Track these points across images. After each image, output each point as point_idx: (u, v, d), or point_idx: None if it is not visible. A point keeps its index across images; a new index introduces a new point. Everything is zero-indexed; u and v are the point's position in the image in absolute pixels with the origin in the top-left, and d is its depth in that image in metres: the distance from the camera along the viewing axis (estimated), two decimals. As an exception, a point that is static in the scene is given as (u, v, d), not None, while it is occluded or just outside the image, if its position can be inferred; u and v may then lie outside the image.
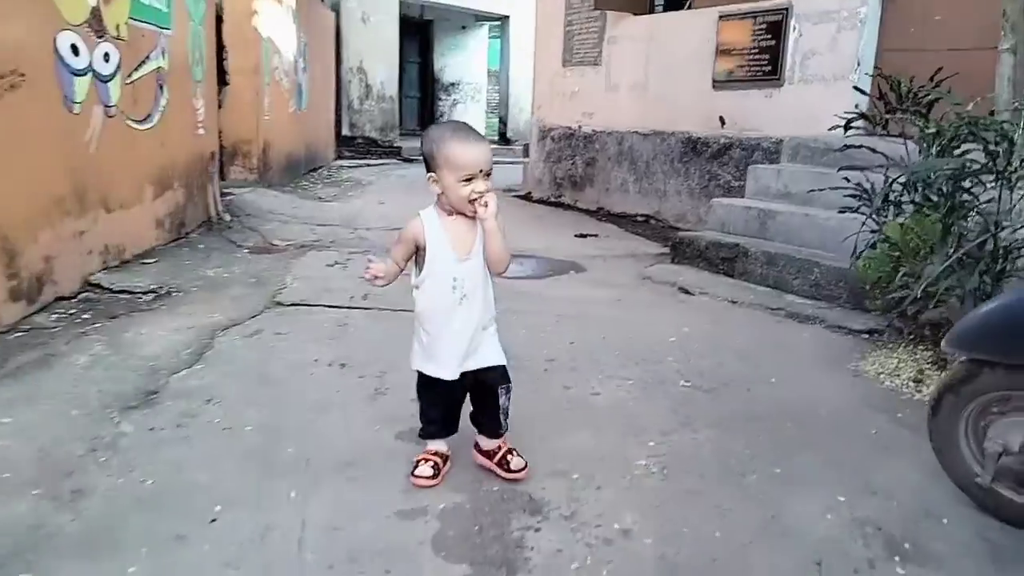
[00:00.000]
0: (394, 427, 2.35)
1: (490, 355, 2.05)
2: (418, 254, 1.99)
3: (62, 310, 3.38)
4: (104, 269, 3.89)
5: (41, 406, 2.40)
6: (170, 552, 1.68)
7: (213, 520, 1.81)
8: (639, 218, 7.27)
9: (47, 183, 3.37)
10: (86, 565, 1.63)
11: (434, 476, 2.01)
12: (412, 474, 2.02)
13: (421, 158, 2.00)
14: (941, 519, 1.97)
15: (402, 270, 2.04)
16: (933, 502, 2.04)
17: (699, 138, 6.65)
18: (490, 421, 2.09)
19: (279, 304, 3.72)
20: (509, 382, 2.09)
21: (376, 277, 1.97)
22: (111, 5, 3.88)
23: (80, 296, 3.57)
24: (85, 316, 3.35)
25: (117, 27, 3.96)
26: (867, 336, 3.55)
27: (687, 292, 4.45)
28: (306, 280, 4.22)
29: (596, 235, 6.47)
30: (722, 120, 6.44)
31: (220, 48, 6.55)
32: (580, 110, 8.07)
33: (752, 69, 6.15)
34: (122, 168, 4.09)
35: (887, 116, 3.22)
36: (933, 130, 2.79)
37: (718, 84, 6.47)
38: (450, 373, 2.00)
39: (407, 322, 2.17)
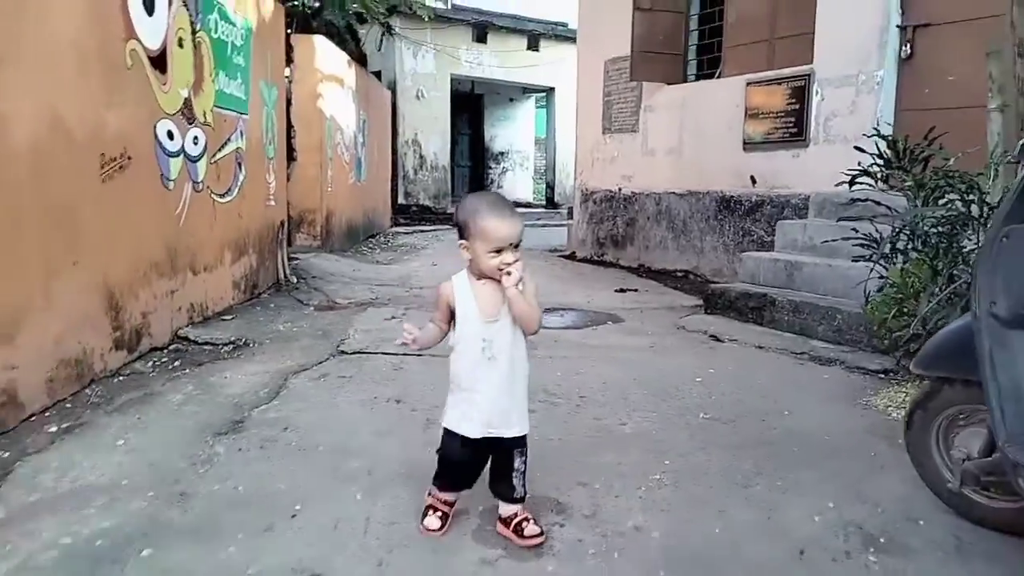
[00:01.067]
0: (438, 446, 2.72)
1: (515, 424, 2.10)
2: (453, 316, 2.09)
3: (156, 358, 3.88)
4: (190, 324, 4.41)
5: (147, 432, 2.85)
6: (261, 537, 2.08)
7: (294, 515, 2.20)
8: (678, 273, 7.60)
9: (146, 249, 3.91)
10: (194, 545, 2.03)
11: (441, 527, 2.11)
12: (421, 522, 2.12)
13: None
14: (918, 521, 2.24)
15: (445, 332, 2.13)
16: (914, 509, 2.31)
17: (732, 196, 7.02)
18: (505, 484, 2.12)
19: (343, 352, 4.17)
20: (525, 447, 2.13)
21: (412, 341, 2.07)
22: (200, 96, 4.50)
23: (171, 347, 4.08)
24: (176, 363, 3.84)
25: (204, 114, 4.57)
26: (882, 375, 3.80)
27: (717, 339, 4.75)
28: (366, 332, 4.67)
29: (635, 290, 6.82)
30: (753, 179, 6.80)
31: (289, 127, 7.23)
32: (620, 174, 8.53)
33: (779, 131, 6.53)
34: (206, 236, 4.65)
35: (887, 172, 3.55)
36: (911, 183, 3.11)
37: (748, 146, 6.85)
38: (477, 431, 2.06)
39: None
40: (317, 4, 9.16)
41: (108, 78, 3.46)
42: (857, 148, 3.94)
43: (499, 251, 1.98)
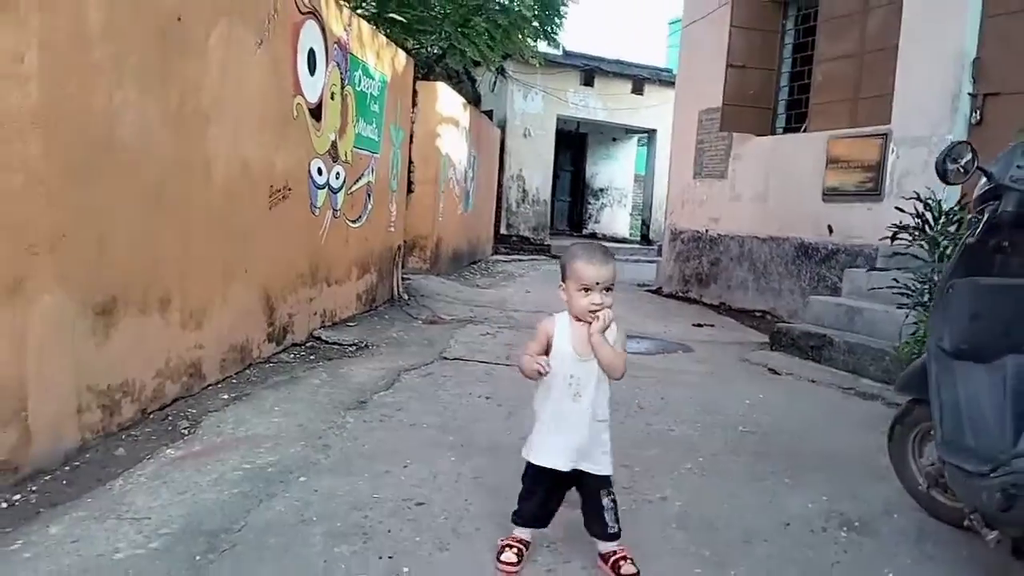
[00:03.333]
0: (520, 434, 3.43)
1: (598, 463, 2.23)
2: (548, 351, 2.24)
3: (296, 352, 4.78)
4: (323, 326, 5.32)
5: (295, 404, 3.70)
6: (382, 477, 2.84)
7: (405, 466, 2.96)
8: (756, 313, 8.06)
9: (296, 263, 4.84)
10: (335, 478, 2.81)
11: (517, 563, 2.20)
12: (498, 559, 2.21)
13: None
14: (893, 515, 2.78)
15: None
16: (893, 506, 2.84)
17: (810, 243, 7.47)
18: (598, 523, 2.23)
19: (444, 358, 4.96)
20: (611, 487, 2.26)
21: (543, 371, 2.17)
22: (344, 138, 5.45)
23: (307, 344, 4.99)
24: (312, 357, 4.73)
25: (346, 154, 5.52)
26: (916, 410, 4.26)
27: (775, 372, 5.28)
28: (465, 344, 5.47)
29: (712, 325, 7.36)
30: (830, 228, 7.25)
31: (409, 163, 8.20)
32: (707, 216, 9.09)
33: (857, 185, 6.97)
34: (339, 255, 5.57)
35: (922, 230, 4.06)
36: (928, 241, 3.63)
37: (827, 197, 7.30)
38: (558, 462, 2.19)
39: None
40: (440, 52, 10.18)
41: (280, 127, 4.42)
42: (898, 208, 4.45)
43: (587, 290, 2.16)
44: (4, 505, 2.40)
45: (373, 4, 8.85)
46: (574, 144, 19.76)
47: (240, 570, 2.11)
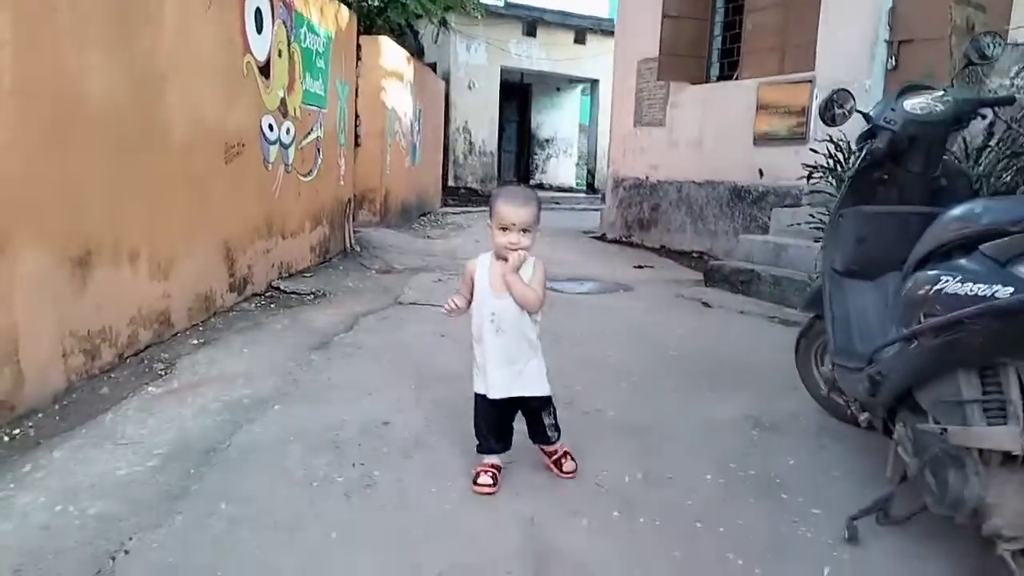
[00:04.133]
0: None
1: (533, 386, 2.41)
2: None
3: (257, 301, 5.01)
4: (280, 277, 5.54)
5: (262, 346, 3.97)
6: (349, 404, 3.15)
7: (370, 394, 3.28)
8: (694, 254, 8.50)
9: (251, 216, 5.04)
10: (307, 407, 3.11)
11: (493, 484, 2.39)
12: (474, 483, 2.38)
13: None
14: (799, 417, 3.20)
15: (469, 302, 2.47)
16: (800, 411, 3.25)
17: (742, 186, 7.90)
18: (540, 437, 2.51)
19: (399, 303, 5.26)
20: (550, 405, 2.50)
21: (455, 309, 2.46)
22: (292, 95, 5.61)
23: (266, 294, 5.22)
24: (272, 306, 4.97)
25: (294, 110, 5.68)
26: (830, 333, 4.73)
27: (707, 305, 5.71)
28: (418, 289, 5.76)
29: (652, 267, 7.78)
30: (760, 172, 7.67)
31: (355, 117, 8.34)
32: (647, 163, 9.45)
33: (785, 129, 7.39)
34: (293, 208, 5.77)
35: (833, 170, 4.47)
36: (838, 175, 4.04)
37: (758, 142, 7.72)
38: (496, 392, 2.38)
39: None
40: (382, 5, 10.22)
41: (231, 85, 4.57)
42: (812, 150, 4.86)
43: (505, 230, 2.31)
44: (6, 439, 2.65)
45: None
46: (519, 95, 19.87)
47: (230, 479, 2.41)
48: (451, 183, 15.98)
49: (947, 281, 1.82)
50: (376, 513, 2.25)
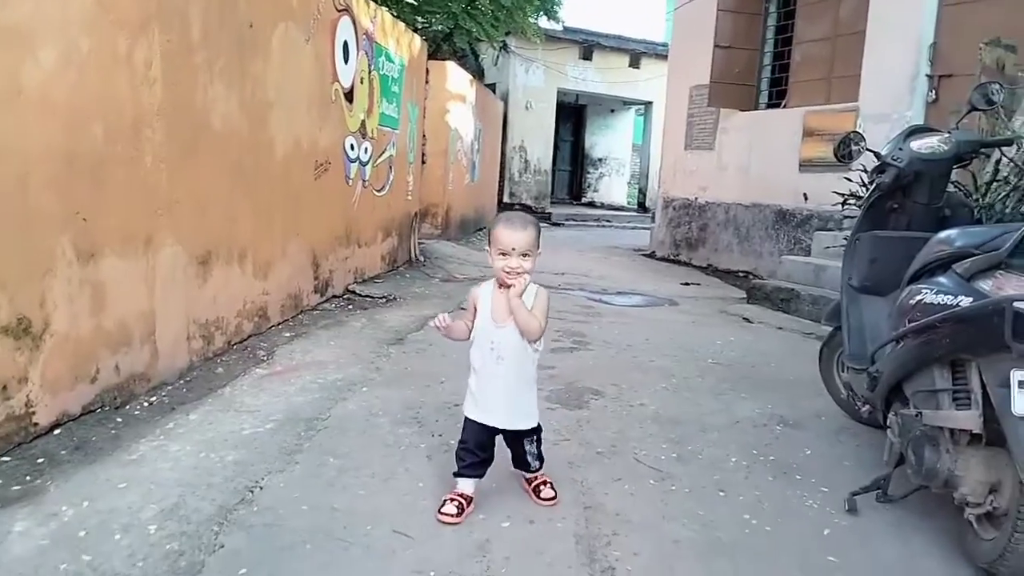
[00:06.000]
0: (529, 361, 4.25)
1: (527, 419, 2.42)
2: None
3: (336, 303, 5.59)
4: (355, 282, 6.12)
5: (345, 339, 4.53)
6: (425, 389, 3.66)
7: (442, 382, 3.78)
8: (740, 273, 8.87)
9: (334, 226, 5.63)
10: (388, 390, 3.63)
11: (458, 515, 2.32)
12: (439, 511, 2.33)
13: (567, 222, 3.29)
14: (821, 417, 3.60)
15: (470, 330, 2.42)
16: (823, 412, 3.65)
17: (787, 210, 8.26)
18: (523, 464, 2.51)
19: (462, 308, 5.75)
20: (536, 434, 2.48)
21: (444, 327, 2.39)
22: (370, 118, 6.21)
23: (344, 296, 5.80)
24: (349, 307, 5.54)
25: (372, 131, 6.28)
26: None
27: (747, 320, 6.10)
28: (478, 297, 6.28)
29: (698, 284, 8.17)
30: (805, 196, 8.02)
31: (422, 137, 8.95)
32: (696, 185, 9.85)
33: (829, 156, 7.71)
34: (368, 221, 6.36)
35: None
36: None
37: (803, 167, 8.07)
38: (492, 421, 2.37)
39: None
40: (447, 31, 10.86)
41: (322, 110, 5.18)
42: (846, 178, 5.24)
43: (504, 255, 2.27)
44: (147, 404, 3.22)
45: (387, -13, 9.52)
46: (574, 115, 20.41)
47: (333, 441, 2.93)
48: (506, 199, 16.56)
49: (926, 293, 2.25)
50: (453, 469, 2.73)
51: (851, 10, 7.66)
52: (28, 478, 2.46)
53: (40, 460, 2.60)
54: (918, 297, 2.29)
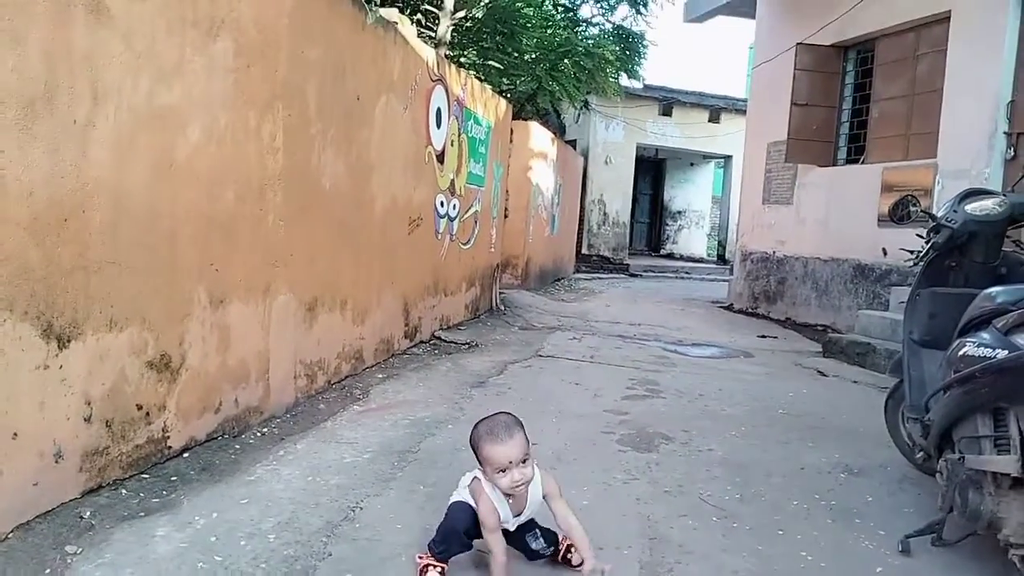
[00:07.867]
0: (602, 407, 4.51)
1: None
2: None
3: (424, 348, 5.99)
4: (441, 329, 6.52)
5: (432, 382, 4.89)
6: (504, 428, 3.97)
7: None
8: (818, 327, 8.87)
9: (423, 277, 6.07)
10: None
11: None
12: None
13: (644, 274, 3.40)
14: (886, 467, 3.71)
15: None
16: (889, 462, 3.77)
17: (866, 264, 8.28)
18: (534, 555, 2.44)
19: (539, 356, 6.08)
20: (534, 527, 2.43)
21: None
22: (459, 176, 6.68)
23: (431, 342, 6.20)
24: (436, 351, 5.93)
25: (460, 188, 6.75)
26: (936, 404, 5.12)
27: (822, 373, 6.18)
28: (555, 345, 6.58)
29: (776, 337, 8.24)
30: (884, 251, 8.03)
31: (505, 193, 9.42)
32: (774, 239, 9.95)
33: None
34: (454, 271, 6.79)
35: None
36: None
37: (882, 222, 8.11)
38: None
39: (618, 369, 4.32)
40: (531, 92, 11.41)
41: (416, 171, 5.66)
42: (918, 235, 5.34)
43: (505, 471, 2.17)
44: (259, 434, 3.64)
45: (475, 52, 10.14)
46: (653, 169, 20.73)
47: (422, 471, 3.26)
48: (584, 251, 16.91)
49: (969, 346, 2.43)
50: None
51: (929, 68, 7.76)
52: (165, 492, 2.88)
53: (173, 478, 3.02)
54: (963, 350, 2.48)
